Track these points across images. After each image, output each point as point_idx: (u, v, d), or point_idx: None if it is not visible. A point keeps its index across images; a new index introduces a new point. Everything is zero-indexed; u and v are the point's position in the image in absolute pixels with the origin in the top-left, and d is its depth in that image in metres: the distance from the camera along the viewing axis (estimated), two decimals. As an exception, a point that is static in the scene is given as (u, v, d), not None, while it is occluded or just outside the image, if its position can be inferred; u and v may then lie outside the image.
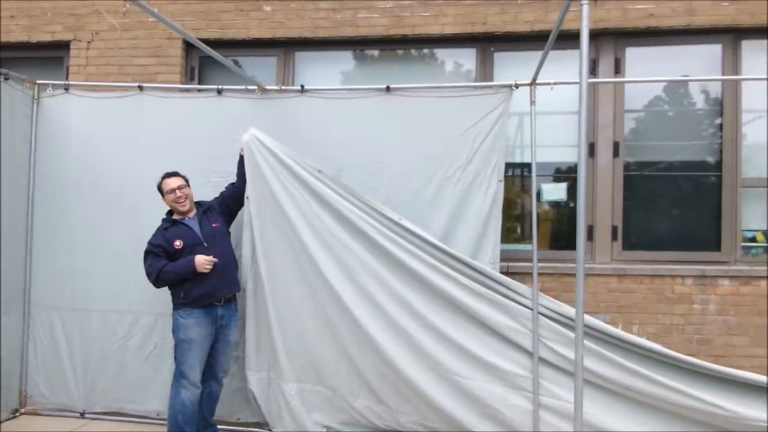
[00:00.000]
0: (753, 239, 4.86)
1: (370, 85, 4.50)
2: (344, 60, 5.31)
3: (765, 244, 4.85)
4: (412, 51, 5.24)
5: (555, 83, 4.11)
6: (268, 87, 4.53)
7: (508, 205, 5.09)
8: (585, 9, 2.66)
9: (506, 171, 4.96)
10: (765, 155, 4.89)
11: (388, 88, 4.42)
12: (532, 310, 3.99)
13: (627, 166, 4.96)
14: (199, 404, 3.96)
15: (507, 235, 5.07)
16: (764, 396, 3.74)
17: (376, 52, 5.28)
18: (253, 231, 4.27)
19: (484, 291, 4.01)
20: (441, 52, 5.23)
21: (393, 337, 4.02)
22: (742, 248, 4.83)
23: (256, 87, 4.50)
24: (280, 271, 4.22)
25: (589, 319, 3.98)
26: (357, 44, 5.19)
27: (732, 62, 4.82)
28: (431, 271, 4.03)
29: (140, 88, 4.63)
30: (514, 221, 5.17)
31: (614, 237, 4.90)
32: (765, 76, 4.47)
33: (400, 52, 5.25)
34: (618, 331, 3.95)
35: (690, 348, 4.69)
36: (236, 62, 5.35)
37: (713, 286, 4.70)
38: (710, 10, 4.70)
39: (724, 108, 4.86)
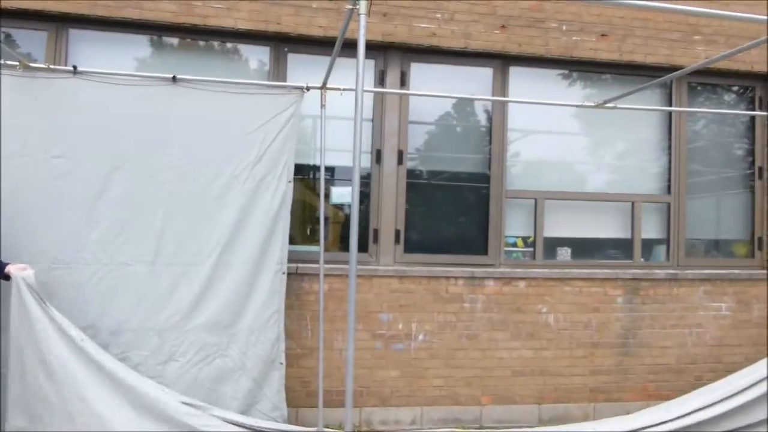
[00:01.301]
0: (514, 244, 5.47)
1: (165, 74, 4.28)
2: (133, 45, 4.91)
3: (524, 249, 5.47)
4: (215, 44, 5.04)
5: (344, 89, 4.23)
6: (34, 65, 4.06)
7: (302, 207, 5.13)
8: (362, 19, 2.79)
9: (302, 173, 5.04)
10: (526, 170, 5.53)
11: (174, 78, 4.21)
12: None
13: (410, 174, 5.27)
14: None
15: (303, 236, 5.13)
16: None
17: (175, 41, 4.98)
18: None
19: None
20: (236, 48, 5.10)
21: None
22: (505, 252, 5.39)
23: (17, 63, 3.99)
24: None
25: None
26: (142, 28, 4.82)
27: (501, 85, 5.38)
28: None
29: None
30: (305, 223, 5.22)
31: (397, 240, 5.18)
32: (529, 100, 5.05)
33: (201, 43, 5.01)
34: None
35: (461, 343, 5.12)
36: (8, 36, 4.72)
37: (481, 287, 5.18)
38: (484, 36, 5.19)
39: (493, 126, 5.39)
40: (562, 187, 5.55)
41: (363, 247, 5.12)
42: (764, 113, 5.66)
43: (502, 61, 5.36)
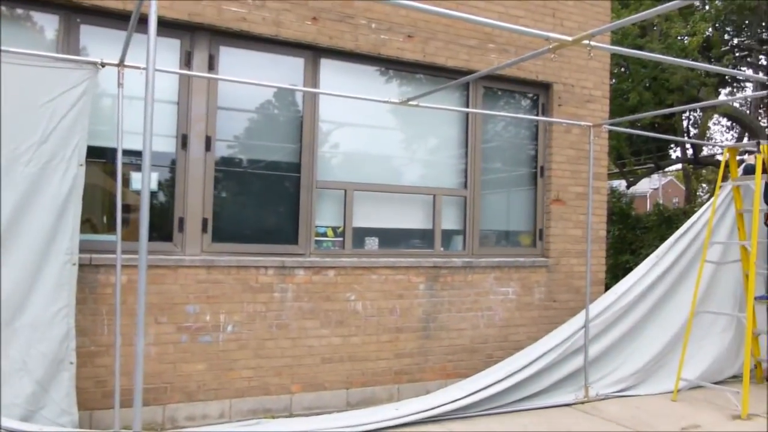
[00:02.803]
0: (324, 234, 5.58)
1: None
2: None
3: (334, 239, 5.61)
4: (3, 8, 4.45)
5: (143, 68, 3.96)
6: None
7: (101, 193, 4.79)
8: (153, -4, 2.67)
9: (103, 156, 4.71)
10: (338, 161, 5.68)
11: (-65, 42, 3.69)
12: None
13: (220, 161, 5.14)
14: None
15: (102, 225, 4.82)
16: None
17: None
18: None
19: None
20: (28, 15, 4.56)
21: None
22: (315, 242, 5.48)
23: None
24: None
25: None
26: None
27: (312, 76, 5.44)
28: None
29: None
30: (102, 210, 4.85)
31: (204, 229, 5.01)
32: (335, 92, 5.16)
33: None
34: None
35: (271, 332, 5.11)
36: None
37: (291, 276, 5.21)
38: (295, 26, 5.21)
39: (304, 117, 5.45)
40: (372, 179, 5.77)
41: (167, 237, 4.89)
42: (544, 118, 6.39)
43: (313, 52, 5.42)
